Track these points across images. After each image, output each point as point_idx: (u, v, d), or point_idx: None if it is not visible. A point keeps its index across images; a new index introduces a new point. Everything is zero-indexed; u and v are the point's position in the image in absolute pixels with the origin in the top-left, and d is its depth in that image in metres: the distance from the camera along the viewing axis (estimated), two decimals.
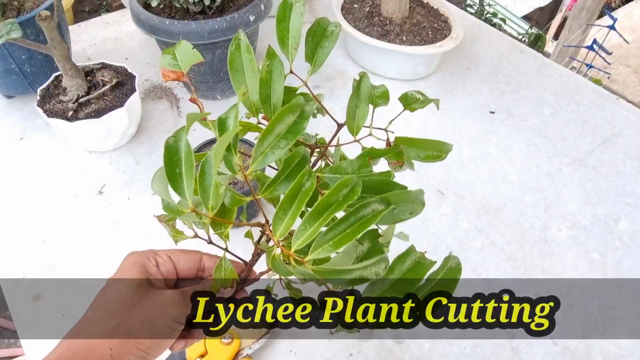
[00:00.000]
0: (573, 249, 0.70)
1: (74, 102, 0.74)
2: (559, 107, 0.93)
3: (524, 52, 1.06)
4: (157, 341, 0.31)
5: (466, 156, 0.82)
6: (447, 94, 0.95)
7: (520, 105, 0.93)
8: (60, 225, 0.71)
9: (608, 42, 1.56)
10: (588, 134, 0.88)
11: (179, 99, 0.92)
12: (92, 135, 0.76)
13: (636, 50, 2.59)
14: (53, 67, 0.82)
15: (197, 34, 0.75)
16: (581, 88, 0.97)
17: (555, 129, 0.89)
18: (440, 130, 0.86)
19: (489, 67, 1.02)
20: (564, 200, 0.76)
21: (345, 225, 0.29)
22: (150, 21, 0.76)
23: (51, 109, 0.74)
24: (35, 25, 0.76)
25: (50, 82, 0.78)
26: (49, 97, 0.76)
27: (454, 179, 0.79)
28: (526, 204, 0.76)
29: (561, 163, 0.82)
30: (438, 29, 0.98)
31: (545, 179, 0.80)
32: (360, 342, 0.59)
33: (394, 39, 0.93)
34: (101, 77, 0.79)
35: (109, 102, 0.76)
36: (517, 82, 0.98)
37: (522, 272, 0.66)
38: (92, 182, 0.77)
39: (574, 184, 0.79)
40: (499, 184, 0.79)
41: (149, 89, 0.94)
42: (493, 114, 0.91)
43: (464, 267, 0.71)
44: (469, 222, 0.73)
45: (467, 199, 0.76)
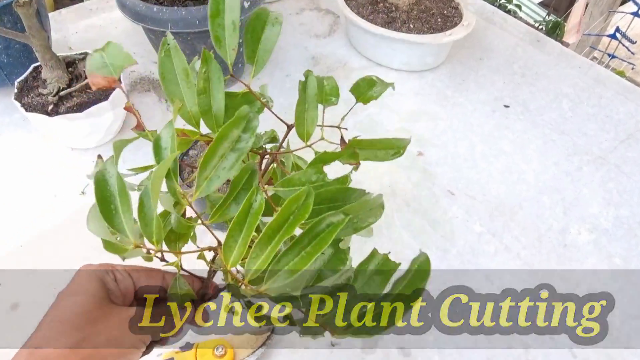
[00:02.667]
0: (594, 254, 0.70)
1: (54, 96, 0.74)
2: (579, 100, 0.93)
3: (541, 41, 1.06)
4: (122, 358, 0.31)
5: (478, 153, 0.82)
6: (458, 86, 0.95)
7: (537, 98, 0.93)
8: (40, 228, 0.71)
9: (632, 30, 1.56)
10: (610, 130, 0.88)
11: None
12: (74, 131, 0.76)
13: None
14: (32, 58, 0.81)
15: (187, 21, 0.75)
16: (603, 80, 0.97)
17: (575, 124, 0.89)
18: (450, 126, 0.86)
19: (503, 58, 1.02)
20: (584, 201, 0.76)
21: (299, 247, 0.28)
22: (136, 7, 0.76)
23: (30, 103, 0.74)
24: (12, 12, 0.76)
25: (28, 73, 0.78)
26: (27, 90, 0.76)
27: (465, 178, 0.79)
28: (543, 205, 0.76)
29: (581, 161, 0.82)
30: (448, 16, 0.98)
31: (564, 178, 0.80)
32: (364, 354, 0.59)
33: (400, 27, 0.93)
34: (83, 68, 0.79)
35: (92, 95, 0.76)
36: (533, 73, 0.98)
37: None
38: (74, 181, 0.77)
39: (595, 183, 0.79)
40: (514, 183, 0.79)
41: (136, 80, 0.94)
42: (507, 108, 0.91)
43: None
44: (481, 224, 0.73)
45: (479, 200, 0.76)
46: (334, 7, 1.13)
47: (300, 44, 1.04)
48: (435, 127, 0.86)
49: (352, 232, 0.33)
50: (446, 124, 0.87)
